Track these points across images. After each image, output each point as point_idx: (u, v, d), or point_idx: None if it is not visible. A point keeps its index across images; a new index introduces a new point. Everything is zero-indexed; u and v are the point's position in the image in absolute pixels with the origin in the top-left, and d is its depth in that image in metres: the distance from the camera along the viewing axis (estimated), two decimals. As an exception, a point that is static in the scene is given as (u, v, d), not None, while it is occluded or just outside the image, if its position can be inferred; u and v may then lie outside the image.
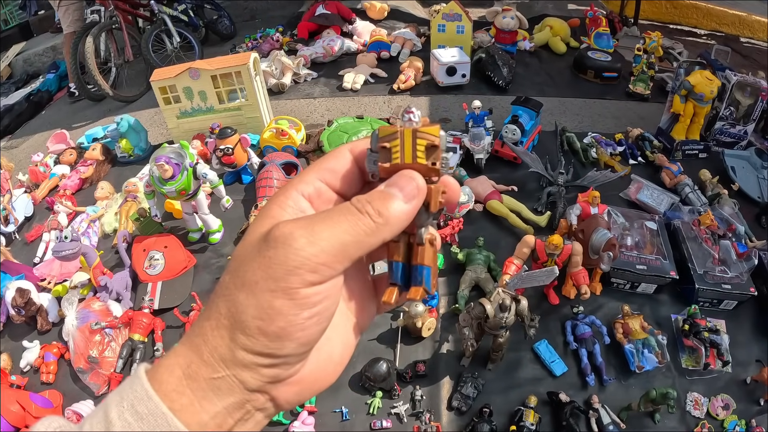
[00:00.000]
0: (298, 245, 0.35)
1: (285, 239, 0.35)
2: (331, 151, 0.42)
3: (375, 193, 0.39)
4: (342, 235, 0.36)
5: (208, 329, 0.37)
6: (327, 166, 0.41)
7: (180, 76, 2.64)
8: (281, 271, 0.35)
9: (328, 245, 0.35)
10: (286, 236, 0.35)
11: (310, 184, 0.41)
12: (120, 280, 2.07)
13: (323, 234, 0.36)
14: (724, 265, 2.05)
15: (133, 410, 0.35)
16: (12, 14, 5.81)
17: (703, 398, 1.76)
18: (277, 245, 0.35)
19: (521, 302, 1.58)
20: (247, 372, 0.36)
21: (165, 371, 0.37)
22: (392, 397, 1.72)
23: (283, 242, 0.35)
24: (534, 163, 2.33)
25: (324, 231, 0.36)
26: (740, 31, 4.90)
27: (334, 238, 0.36)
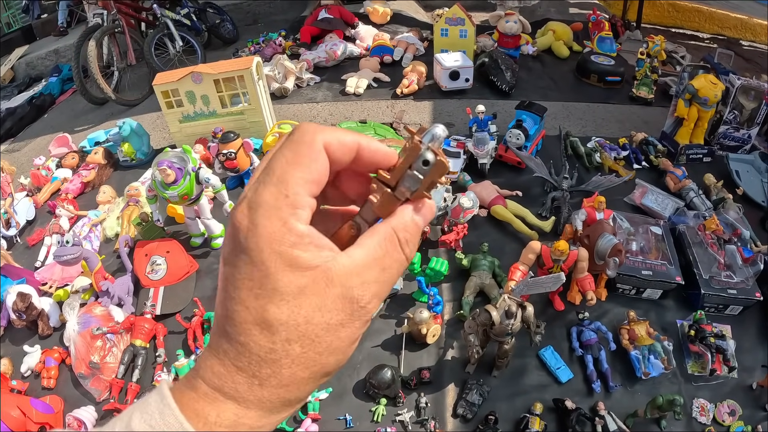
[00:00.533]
0: (370, 307, 0.41)
1: (362, 304, 0.40)
2: (307, 147, 0.39)
3: (412, 227, 0.42)
4: (390, 279, 0.42)
5: (228, 372, 0.39)
6: (311, 177, 0.39)
7: (182, 80, 2.64)
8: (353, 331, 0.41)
9: (383, 292, 0.42)
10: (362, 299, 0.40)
11: (306, 208, 0.39)
12: (122, 285, 2.06)
13: (381, 284, 0.41)
14: (730, 270, 2.03)
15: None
16: (15, 17, 5.83)
17: (709, 404, 1.75)
18: (360, 314, 0.40)
19: (527, 309, 1.57)
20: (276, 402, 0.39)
21: (188, 393, 0.39)
22: (397, 404, 1.71)
23: (364, 310, 0.41)
24: (538, 168, 2.32)
25: (381, 280, 0.41)
26: (742, 35, 4.90)
27: (385, 285, 0.41)
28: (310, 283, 0.37)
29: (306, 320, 0.38)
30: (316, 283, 0.38)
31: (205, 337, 1.92)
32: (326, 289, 0.38)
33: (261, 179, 0.39)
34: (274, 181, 0.38)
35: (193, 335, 1.93)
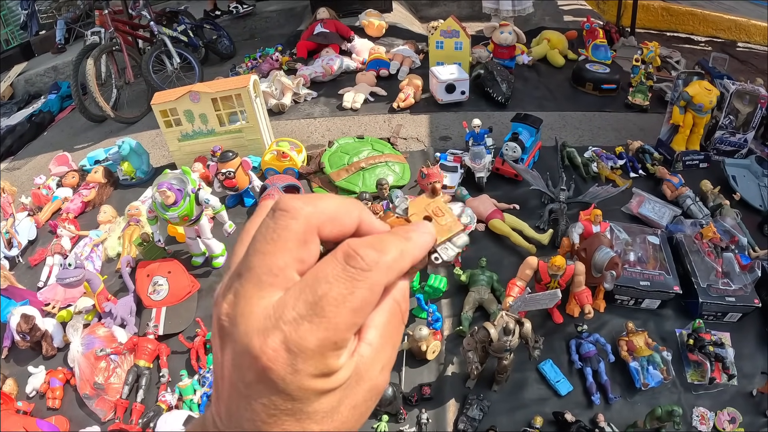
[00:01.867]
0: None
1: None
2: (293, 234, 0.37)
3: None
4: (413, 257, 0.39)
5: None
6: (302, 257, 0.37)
7: (180, 99, 2.66)
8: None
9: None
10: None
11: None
12: (124, 306, 2.07)
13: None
14: (728, 277, 2.04)
15: None
16: (13, 34, 5.87)
17: (709, 413, 1.76)
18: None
19: (525, 325, 1.59)
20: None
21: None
22: (398, 420, 1.72)
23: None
24: (535, 181, 2.34)
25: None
26: (737, 36, 4.93)
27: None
28: (345, 390, 0.36)
29: (342, 422, 0.37)
30: (349, 387, 0.37)
31: (208, 357, 1.93)
32: (357, 387, 0.37)
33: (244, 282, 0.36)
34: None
35: (196, 355, 1.94)
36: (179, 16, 4.38)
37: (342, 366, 0.35)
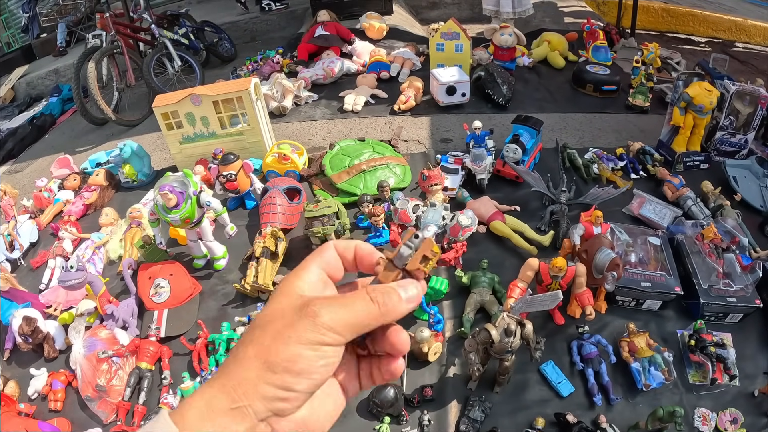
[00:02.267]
0: (322, 319, 0.47)
1: (312, 313, 0.47)
2: (322, 247, 0.56)
3: (388, 288, 0.51)
4: (355, 316, 0.49)
5: (234, 370, 0.46)
6: (324, 258, 0.55)
7: (182, 102, 2.67)
8: (311, 334, 0.46)
9: (343, 322, 0.48)
10: (314, 311, 0.47)
11: (315, 273, 0.54)
12: (126, 308, 2.08)
13: (341, 314, 0.48)
14: (729, 278, 2.04)
15: None
16: (14, 37, 5.89)
17: (711, 413, 1.76)
18: (309, 317, 0.47)
19: (526, 326, 1.59)
20: (263, 403, 0.45)
21: (189, 407, 0.45)
22: (400, 422, 1.72)
23: (311, 314, 0.47)
24: (536, 183, 2.34)
25: (342, 312, 0.48)
26: (737, 37, 4.93)
27: (349, 317, 0.48)
28: None
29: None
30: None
31: (210, 359, 1.93)
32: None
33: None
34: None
35: (198, 357, 1.95)
36: (180, 18, 4.40)
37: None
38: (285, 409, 0.46)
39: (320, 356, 0.47)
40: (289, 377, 0.45)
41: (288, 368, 0.45)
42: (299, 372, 0.46)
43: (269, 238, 2.16)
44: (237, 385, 0.45)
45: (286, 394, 0.46)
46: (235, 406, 0.44)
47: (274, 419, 0.46)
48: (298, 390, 0.46)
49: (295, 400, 0.46)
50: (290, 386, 0.46)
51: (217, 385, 0.46)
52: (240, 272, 2.27)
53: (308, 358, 0.46)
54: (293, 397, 0.46)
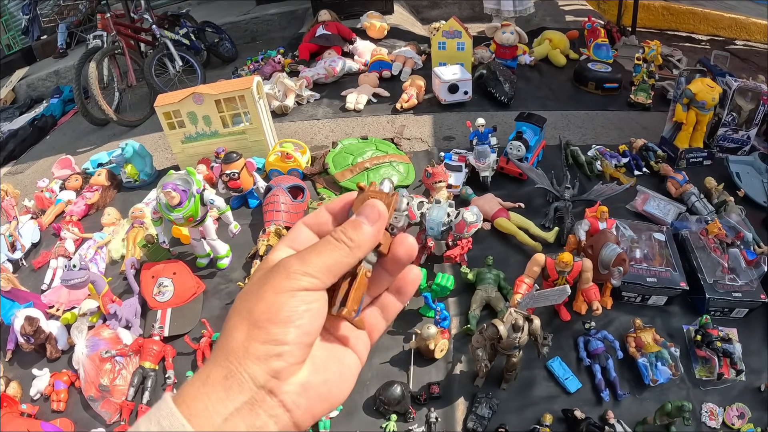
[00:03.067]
0: (294, 267, 0.46)
1: (284, 265, 0.47)
2: (292, 228, 0.54)
3: (347, 223, 0.50)
4: (326, 259, 0.47)
5: (223, 341, 0.45)
6: (291, 237, 0.53)
7: (184, 101, 2.66)
8: (284, 281, 0.45)
9: (316, 266, 0.47)
10: (285, 263, 0.47)
11: (283, 251, 0.51)
12: (129, 308, 2.07)
13: (311, 259, 0.47)
14: (734, 273, 2.04)
15: (158, 425, 0.42)
16: (15, 39, 5.89)
17: (718, 408, 1.75)
18: (279, 269, 0.46)
19: (534, 322, 1.58)
20: (257, 364, 0.43)
21: (187, 386, 0.44)
22: (407, 420, 1.71)
23: (283, 267, 0.46)
24: (540, 179, 2.33)
25: (312, 257, 0.47)
26: (737, 34, 4.94)
27: (320, 261, 0.47)
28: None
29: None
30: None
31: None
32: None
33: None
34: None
35: (202, 356, 1.93)
36: (181, 19, 4.40)
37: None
38: (282, 369, 0.44)
39: (301, 301, 0.45)
40: (274, 327, 0.44)
41: (270, 318, 0.44)
42: (284, 320, 0.44)
43: (273, 236, 2.15)
44: (227, 353, 0.44)
45: (277, 348, 0.44)
46: (230, 375, 0.43)
47: (274, 383, 0.44)
48: (288, 341, 0.44)
49: (289, 355, 0.44)
50: (278, 337, 0.44)
51: (212, 361, 0.45)
52: (243, 271, 2.26)
53: (289, 305, 0.45)
54: (286, 351, 0.44)
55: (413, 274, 0.55)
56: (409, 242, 0.52)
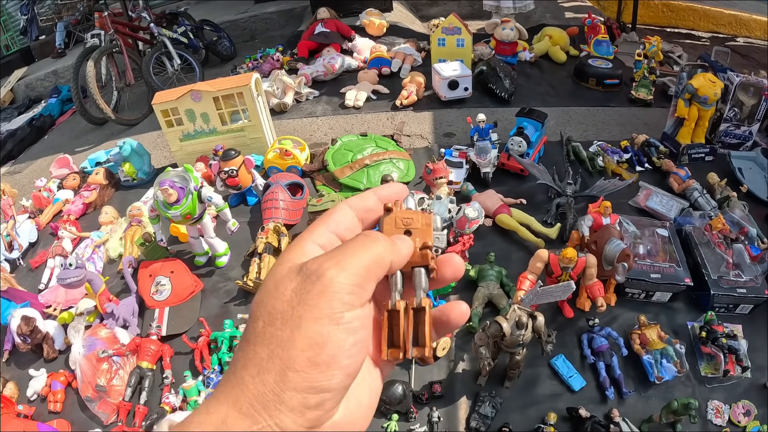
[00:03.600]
0: (331, 275, 0.37)
1: (318, 274, 0.38)
2: (333, 208, 0.46)
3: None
4: (363, 260, 0.40)
5: (247, 378, 0.36)
6: (333, 219, 0.45)
7: (182, 98, 2.64)
8: (323, 301, 0.37)
9: (355, 271, 0.39)
10: (319, 270, 0.38)
11: (323, 236, 0.44)
12: (126, 307, 2.04)
13: (348, 263, 0.39)
14: (738, 269, 2.02)
15: None
16: (13, 40, 5.87)
17: (724, 405, 1.73)
18: (312, 279, 0.37)
19: (537, 319, 1.55)
20: (291, 416, 0.35)
21: (196, 429, 0.36)
22: (409, 419, 1.69)
23: (318, 276, 0.37)
24: (541, 175, 2.31)
25: (347, 260, 0.39)
26: (737, 31, 4.92)
27: (357, 262, 0.39)
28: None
29: None
30: None
31: (212, 358, 1.90)
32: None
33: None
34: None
35: (200, 356, 1.91)
36: (179, 17, 4.38)
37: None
38: (318, 418, 0.37)
39: (347, 330, 0.37)
40: (317, 373, 0.36)
41: (313, 359, 0.36)
42: (327, 362, 0.36)
43: (272, 233, 2.13)
44: (254, 399, 0.36)
45: (318, 397, 0.36)
46: (258, 428, 0.35)
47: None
48: (332, 388, 0.37)
49: (330, 402, 0.37)
50: (320, 385, 0.36)
51: (229, 400, 0.36)
52: (242, 269, 2.24)
53: (334, 340, 0.36)
54: (327, 399, 0.37)
55: (460, 310, 0.47)
56: (456, 261, 0.47)
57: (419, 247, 0.45)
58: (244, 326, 1.97)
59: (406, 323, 0.43)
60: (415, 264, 0.45)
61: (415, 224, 0.46)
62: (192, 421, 0.37)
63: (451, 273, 0.47)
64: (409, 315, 0.43)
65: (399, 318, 0.43)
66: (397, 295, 0.44)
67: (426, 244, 0.45)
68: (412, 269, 0.45)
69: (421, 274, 0.45)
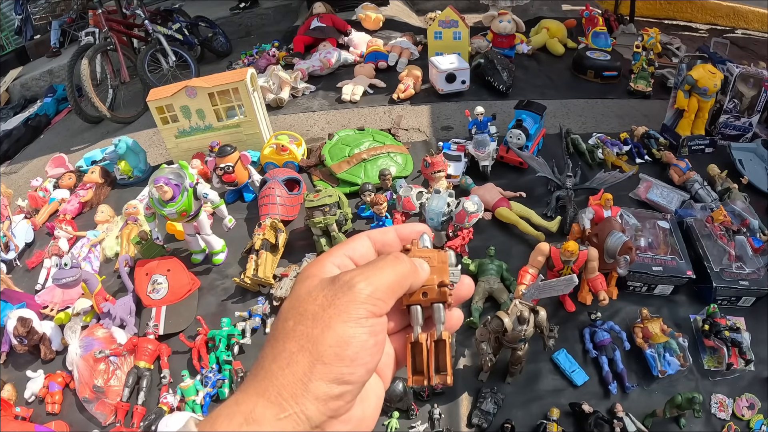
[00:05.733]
0: (360, 287, 0.43)
1: (348, 284, 0.43)
2: (354, 237, 0.51)
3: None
4: (389, 278, 0.45)
5: (276, 370, 0.40)
6: (351, 245, 0.50)
7: (177, 95, 2.61)
8: (352, 307, 0.42)
9: (381, 286, 0.44)
10: (349, 281, 0.43)
11: (339, 258, 0.49)
12: (123, 306, 2.02)
13: (375, 278, 0.44)
14: (741, 261, 2.00)
15: None
16: (8, 39, 5.82)
17: (727, 399, 1.72)
18: (343, 287, 0.43)
19: (539, 313, 1.53)
20: (315, 404, 0.39)
21: (225, 421, 0.39)
22: (410, 417, 1.67)
23: (347, 285, 0.43)
24: (541, 168, 2.29)
25: (376, 276, 0.44)
26: (735, 23, 4.90)
27: (384, 280, 0.45)
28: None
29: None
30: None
31: (210, 356, 1.88)
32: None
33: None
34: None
35: (198, 355, 1.89)
36: (174, 14, 4.34)
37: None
38: (339, 408, 0.41)
39: (370, 332, 0.42)
40: (342, 366, 0.40)
41: (339, 354, 0.40)
42: (352, 357, 0.41)
43: (269, 230, 2.11)
44: (282, 389, 0.39)
45: (341, 388, 0.40)
46: (284, 414, 0.38)
47: (328, 422, 0.40)
48: (353, 381, 0.41)
49: (350, 395, 0.41)
50: (345, 377, 0.40)
51: (258, 391, 0.40)
52: (240, 266, 2.22)
53: (358, 339, 0.41)
54: (348, 390, 0.41)
55: (454, 317, 0.53)
56: (467, 282, 0.52)
57: (437, 284, 0.49)
58: (242, 324, 1.96)
59: (428, 353, 0.49)
60: (434, 300, 0.49)
61: (432, 262, 0.50)
62: (220, 414, 0.39)
63: (465, 292, 0.53)
64: (430, 346, 0.49)
65: (422, 348, 0.48)
66: (419, 329, 0.49)
67: (443, 282, 0.49)
68: (432, 305, 0.50)
69: (440, 310, 0.49)
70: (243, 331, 1.94)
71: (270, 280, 2.01)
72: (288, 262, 2.20)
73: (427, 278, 0.49)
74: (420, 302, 0.49)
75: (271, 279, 2.02)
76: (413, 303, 0.49)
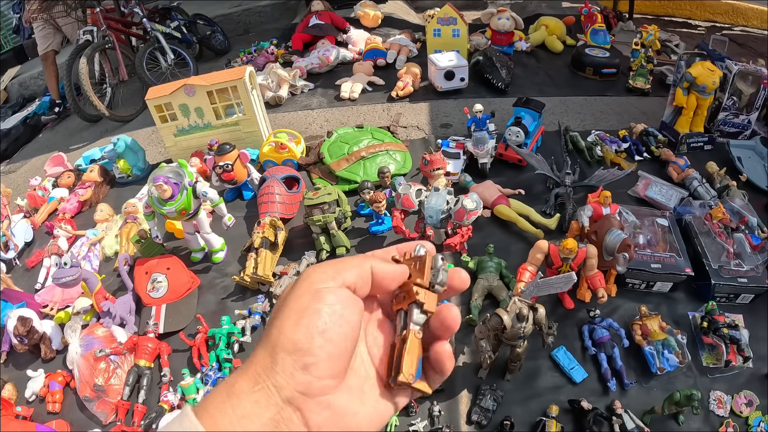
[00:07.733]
0: (310, 271, 0.47)
1: (306, 274, 0.47)
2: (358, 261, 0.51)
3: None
4: (341, 263, 0.48)
5: (257, 351, 0.44)
6: (356, 272, 0.50)
7: (175, 93, 2.61)
8: (305, 284, 0.46)
9: (331, 268, 0.48)
10: (305, 272, 0.48)
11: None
12: (123, 305, 2.03)
13: (328, 265, 0.48)
14: (739, 258, 2.00)
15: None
16: (6, 38, 5.81)
17: (726, 396, 1.72)
18: (301, 278, 0.47)
19: (539, 310, 1.54)
20: (283, 377, 0.42)
21: (213, 395, 0.43)
22: (409, 414, 1.67)
23: (305, 275, 0.47)
24: (540, 165, 2.29)
25: (328, 264, 0.48)
26: (734, 20, 4.89)
27: (335, 265, 0.48)
28: None
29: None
30: None
31: (210, 355, 1.88)
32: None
33: None
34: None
35: (198, 353, 1.89)
36: (172, 12, 4.33)
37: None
38: (309, 384, 0.42)
39: (322, 302, 0.44)
40: (299, 334, 0.43)
41: (296, 323, 0.43)
42: (306, 325, 0.43)
43: (268, 228, 2.11)
44: (257, 365, 0.43)
45: (303, 360, 0.42)
46: (258, 387, 0.42)
47: (302, 399, 0.42)
48: (313, 351, 0.42)
49: (316, 369, 0.42)
50: (302, 346, 0.42)
51: (240, 371, 0.44)
52: (239, 264, 2.22)
53: (312, 307, 0.44)
54: (311, 362, 0.42)
55: (453, 313, 0.52)
56: (454, 313, 0.52)
57: (412, 285, 0.50)
58: (242, 322, 1.97)
59: (393, 351, 0.50)
60: (409, 301, 0.50)
61: (413, 266, 0.52)
62: (209, 394, 0.44)
63: (452, 318, 0.51)
64: (400, 346, 0.49)
65: (395, 350, 0.49)
66: (398, 330, 0.50)
67: (420, 283, 0.51)
68: (408, 306, 0.51)
69: (412, 308, 0.50)
70: (243, 329, 1.94)
71: (269, 278, 2.01)
72: (287, 260, 2.21)
73: (407, 281, 0.51)
74: (404, 307, 0.51)
75: (271, 277, 2.02)
76: (400, 309, 0.51)
